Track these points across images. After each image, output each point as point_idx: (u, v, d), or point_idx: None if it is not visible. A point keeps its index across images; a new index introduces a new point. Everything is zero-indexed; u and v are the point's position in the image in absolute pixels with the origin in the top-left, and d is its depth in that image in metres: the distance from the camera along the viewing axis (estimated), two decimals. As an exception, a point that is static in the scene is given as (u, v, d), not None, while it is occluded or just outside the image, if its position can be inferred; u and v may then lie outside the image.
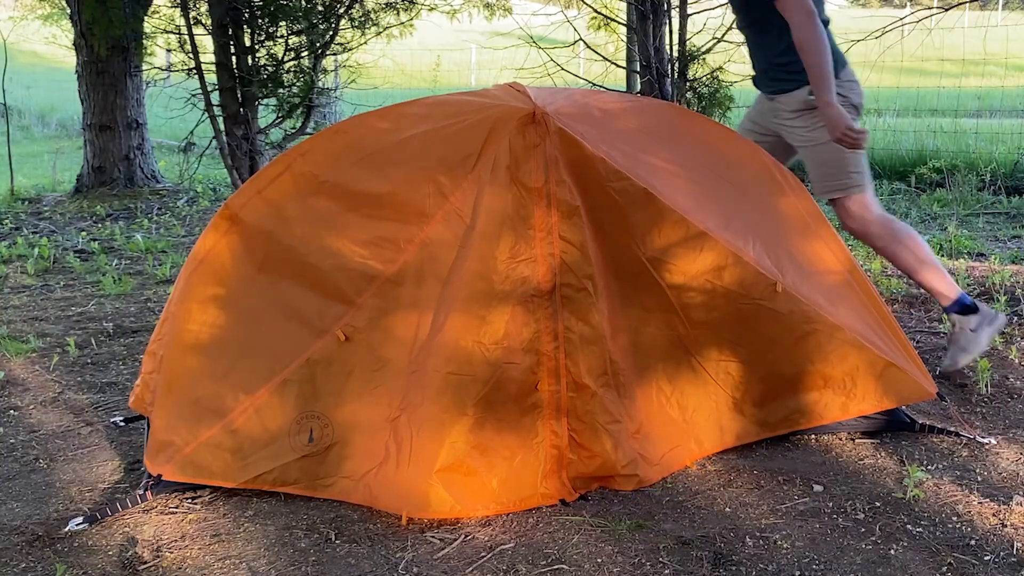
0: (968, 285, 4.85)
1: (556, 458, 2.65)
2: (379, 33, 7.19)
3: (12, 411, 3.44)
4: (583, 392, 2.65)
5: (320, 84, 7.05)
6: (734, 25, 6.44)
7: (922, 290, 4.82)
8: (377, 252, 2.64)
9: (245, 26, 6.38)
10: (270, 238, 2.72)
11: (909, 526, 2.54)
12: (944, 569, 2.34)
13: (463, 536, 2.51)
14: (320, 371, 2.63)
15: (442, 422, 2.57)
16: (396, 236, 2.65)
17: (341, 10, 6.80)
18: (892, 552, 2.41)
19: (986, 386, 3.48)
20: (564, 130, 2.67)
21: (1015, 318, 4.34)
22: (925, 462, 2.91)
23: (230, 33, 6.32)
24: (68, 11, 8.53)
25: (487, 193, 2.63)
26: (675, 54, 6.83)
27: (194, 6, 6.49)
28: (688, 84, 6.83)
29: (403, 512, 2.57)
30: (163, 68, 7.74)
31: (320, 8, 6.74)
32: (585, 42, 7.44)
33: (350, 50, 7.13)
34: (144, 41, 8.04)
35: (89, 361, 3.99)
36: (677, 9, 6.86)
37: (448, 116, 2.77)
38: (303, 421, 2.62)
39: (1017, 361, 3.79)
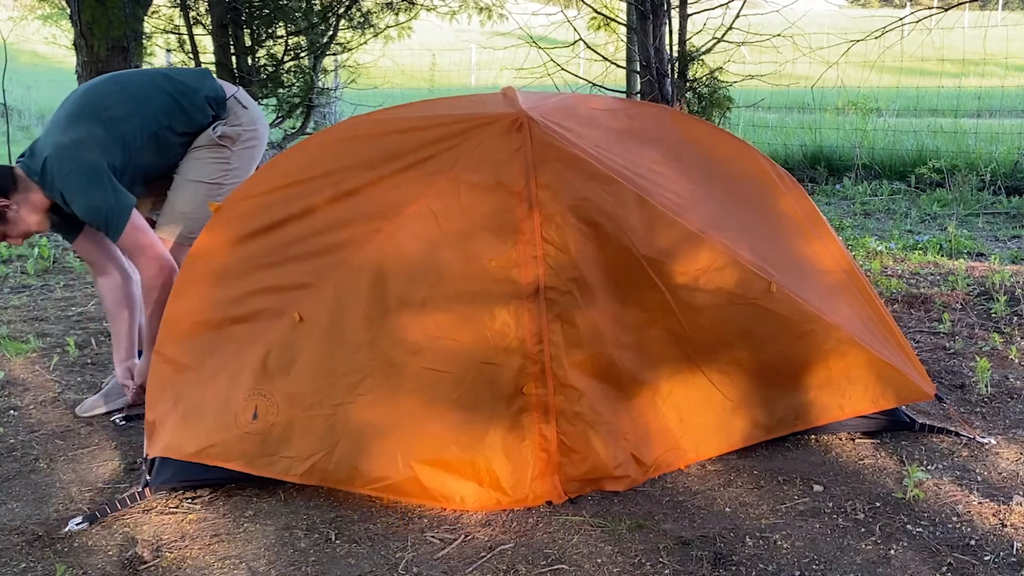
0: (968, 285, 4.85)
1: (546, 461, 2.66)
2: (377, 34, 7.19)
3: (12, 411, 3.44)
4: (570, 393, 2.66)
5: (320, 84, 7.05)
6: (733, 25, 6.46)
7: (922, 291, 4.83)
8: (341, 240, 2.67)
9: (245, 26, 6.38)
10: (249, 231, 2.77)
11: (909, 526, 2.54)
12: (944, 569, 2.34)
13: (463, 536, 2.52)
14: (274, 351, 2.65)
15: (421, 417, 2.61)
16: (364, 227, 2.66)
17: (340, 11, 6.80)
18: (892, 552, 2.42)
19: (986, 386, 3.48)
20: (549, 134, 2.68)
21: (1015, 318, 4.35)
22: (925, 462, 2.91)
23: (230, 33, 6.33)
24: (68, 11, 8.51)
25: (470, 195, 2.65)
26: (675, 54, 6.83)
27: (194, 6, 6.49)
28: (688, 84, 6.83)
29: (384, 496, 2.63)
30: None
31: (319, 9, 6.74)
32: (585, 42, 7.43)
33: (349, 50, 7.13)
34: (144, 41, 8.03)
35: (89, 361, 3.99)
36: (677, 9, 6.86)
37: (434, 119, 2.79)
38: (250, 398, 2.64)
39: (1017, 361, 3.79)
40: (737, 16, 6.74)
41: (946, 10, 7.79)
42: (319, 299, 2.64)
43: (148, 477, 2.71)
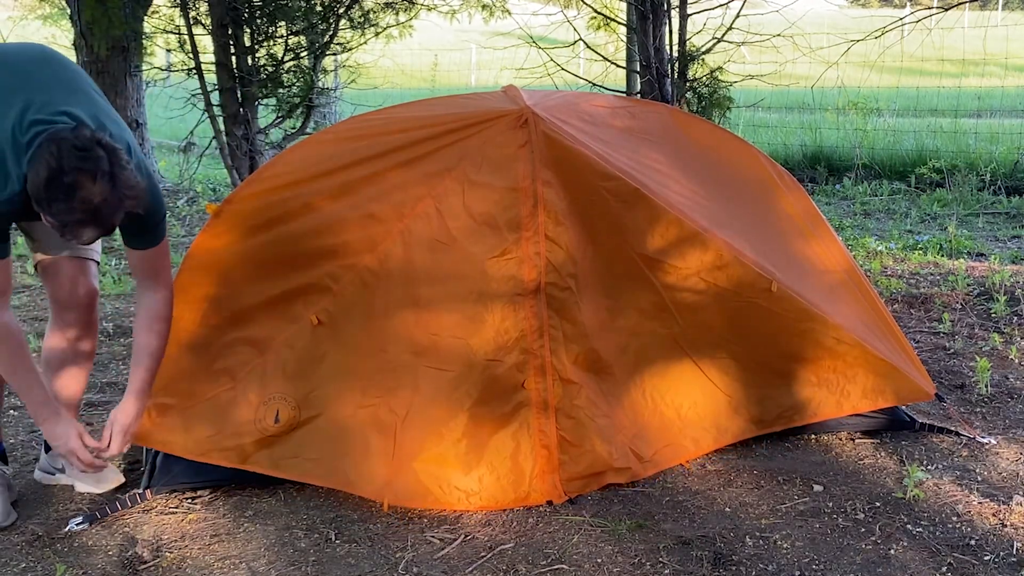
0: (968, 285, 4.85)
1: (546, 458, 2.66)
2: (378, 34, 7.18)
3: (12, 411, 3.44)
4: (569, 388, 2.67)
5: (320, 84, 7.03)
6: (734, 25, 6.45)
7: (922, 291, 4.82)
8: (349, 241, 2.66)
9: (245, 26, 6.37)
10: (252, 231, 2.74)
11: (909, 526, 2.54)
12: (944, 569, 2.34)
13: (463, 536, 2.52)
14: (292, 354, 2.65)
15: (428, 417, 2.61)
16: (371, 228, 2.66)
17: (340, 10, 6.79)
18: (892, 552, 2.42)
19: (986, 386, 3.48)
20: (552, 132, 2.68)
21: (1015, 318, 4.35)
22: (925, 462, 2.91)
23: (230, 33, 6.32)
24: (68, 11, 8.51)
25: (475, 192, 2.65)
26: (675, 54, 6.83)
27: (194, 6, 6.48)
28: (688, 84, 6.82)
29: (384, 500, 2.61)
30: (163, 68, 7.72)
31: (319, 8, 6.73)
32: (585, 42, 7.43)
33: (350, 50, 7.12)
34: (144, 41, 8.02)
35: (89, 361, 3.98)
36: (677, 9, 6.85)
37: (437, 117, 2.79)
38: (270, 402, 2.64)
39: (1017, 361, 3.79)
40: (737, 16, 6.73)
41: (946, 10, 7.79)
42: (333, 302, 2.64)
43: (150, 479, 2.71)
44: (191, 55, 6.55)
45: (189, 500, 2.72)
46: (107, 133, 2.37)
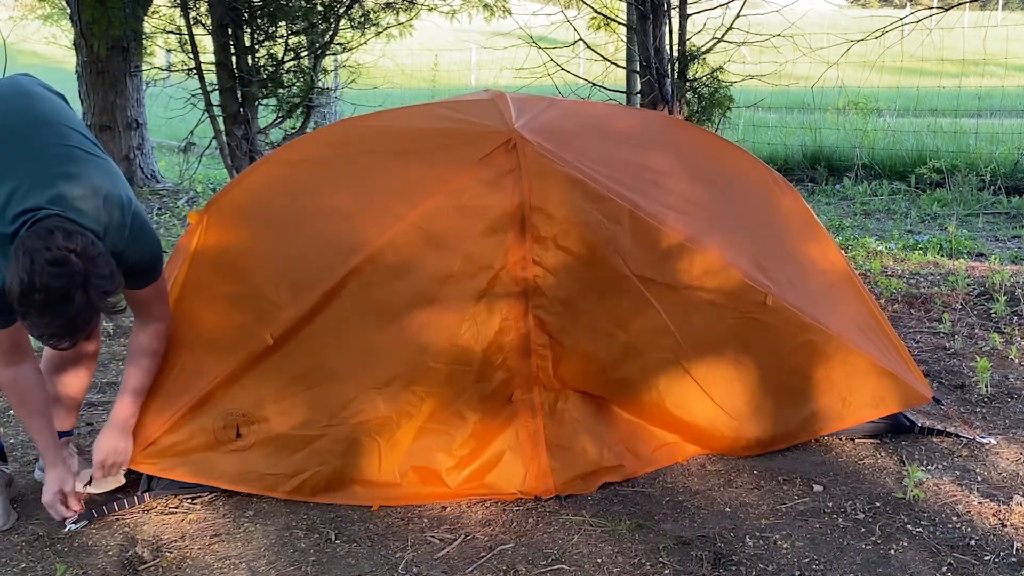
0: (968, 285, 4.85)
1: (537, 465, 2.67)
2: (378, 33, 7.18)
3: (12, 411, 3.44)
4: (557, 395, 2.72)
5: (320, 84, 7.04)
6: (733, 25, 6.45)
7: (922, 291, 4.82)
8: (328, 260, 2.61)
9: (245, 26, 6.37)
10: (240, 234, 2.72)
11: (909, 526, 2.54)
12: (944, 569, 2.34)
13: (463, 536, 2.52)
14: (258, 365, 2.61)
15: (418, 429, 2.63)
16: (357, 243, 2.60)
17: (341, 10, 6.80)
18: (892, 552, 2.42)
19: (986, 386, 3.48)
20: (542, 155, 2.66)
21: (1015, 318, 4.35)
22: (925, 462, 2.91)
23: (230, 33, 6.32)
24: (68, 11, 8.52)
25: (460, 216, 2.62)
26: (675, 54, 6.83)
27: (194, 6, 6.49)
28: (688, 84, 6.82)
29: (374, 503, 2.63)
30: (163, 68, 7.72)
31: (320, 8, 6.74)
32: (585, 42, 7.42)
33: (350, 50, 7.12)
34: (144, 41, 8.03)
35: (89, 361, 3.98)
36: (677, 9, 6.85)
37: (423, 133, 2.77)
38: (228, 418, 2.61)
39: (1017, 361, 3.79)
40: (737, 16, 6.73)
41: (946, 10, 7.78)
42: (296, 318, 2.59)
43: (150, 481, 2.71)
44: (191, 55, 6.55)
45: (189, 500, 2.72)
46: (101, 199, 2.32)
